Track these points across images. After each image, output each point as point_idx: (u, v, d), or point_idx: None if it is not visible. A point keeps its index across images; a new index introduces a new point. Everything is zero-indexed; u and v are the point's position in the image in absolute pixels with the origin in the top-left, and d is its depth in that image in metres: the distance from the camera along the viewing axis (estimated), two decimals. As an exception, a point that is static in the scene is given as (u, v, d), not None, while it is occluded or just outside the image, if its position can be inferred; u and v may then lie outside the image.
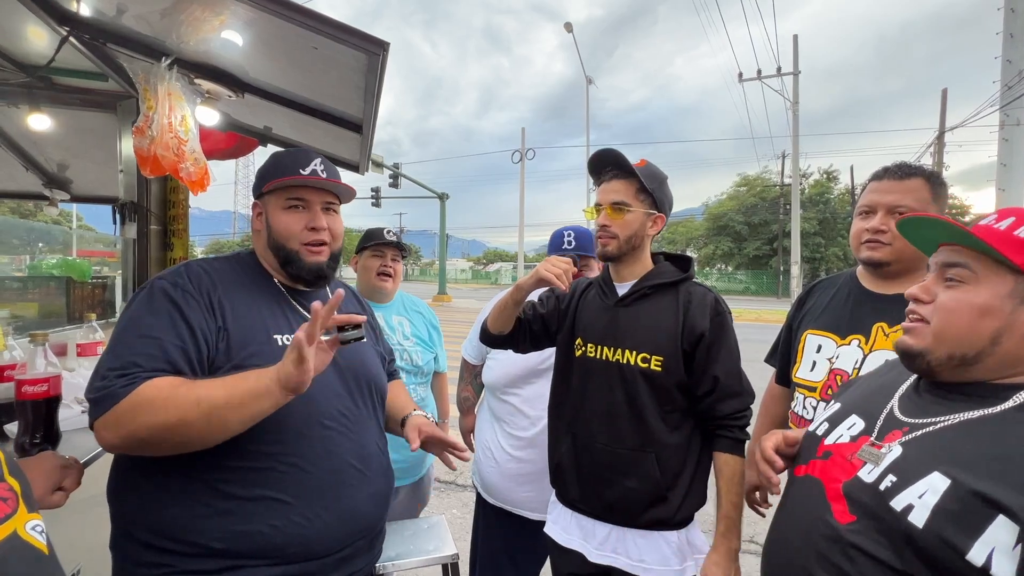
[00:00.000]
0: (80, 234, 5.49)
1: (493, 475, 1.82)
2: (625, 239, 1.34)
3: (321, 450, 1.06)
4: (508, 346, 1.53)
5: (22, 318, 2.36)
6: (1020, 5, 7.86)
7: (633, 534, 1.30)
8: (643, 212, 1.35)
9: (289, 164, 1.14)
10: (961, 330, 0.76)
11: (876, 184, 1.33)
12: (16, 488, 0.54)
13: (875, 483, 0.75)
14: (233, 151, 2.90)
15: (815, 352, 1.40)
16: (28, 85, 2.29)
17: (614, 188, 1.35)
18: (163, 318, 0.98)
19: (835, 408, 0.95)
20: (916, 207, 1.26)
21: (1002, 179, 7.94)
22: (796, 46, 18.43)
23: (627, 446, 1.29)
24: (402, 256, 2.12)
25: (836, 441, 0.86)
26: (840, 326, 1.37)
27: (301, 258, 1.14)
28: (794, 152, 18.63)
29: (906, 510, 0.69)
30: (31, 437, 1.18)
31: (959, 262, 0.78)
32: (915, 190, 1.27)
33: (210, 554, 0.96)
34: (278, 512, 0.99)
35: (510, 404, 1.82)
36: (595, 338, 1.38)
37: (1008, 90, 7.98)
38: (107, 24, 1.83)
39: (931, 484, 0.68)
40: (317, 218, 1.14)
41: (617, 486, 1.30)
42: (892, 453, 0.76)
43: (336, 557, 1.07)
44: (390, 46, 1.56)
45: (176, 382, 0.92)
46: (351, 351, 1.22)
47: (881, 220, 1.30)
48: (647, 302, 1.35)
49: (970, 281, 0.77)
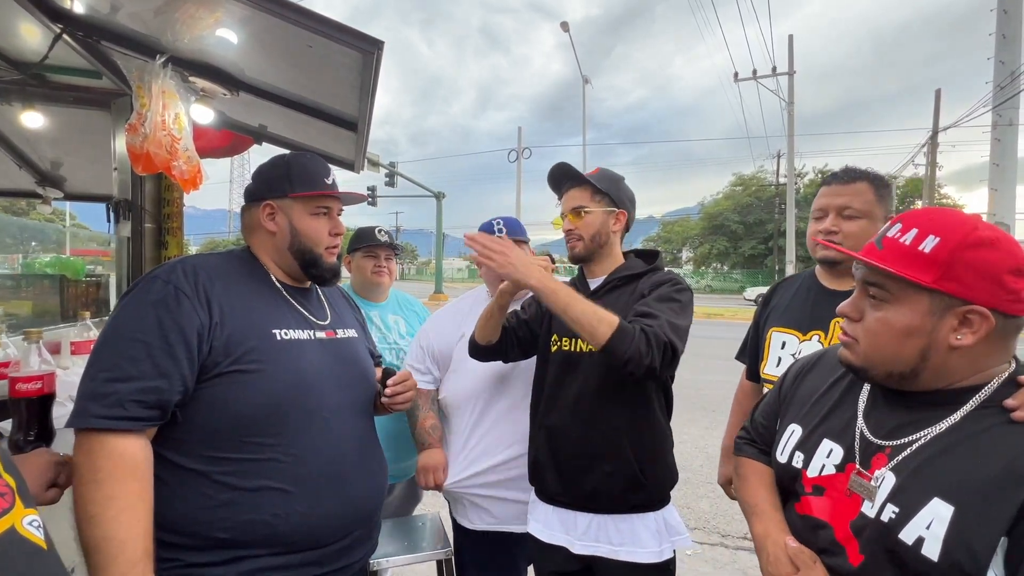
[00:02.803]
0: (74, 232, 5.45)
1: (473, 496, 1.70)
2: (590, 238, 1.45)
3: (321, 441, 1.09)
4: (498, 356, 1.56)
5: (16, 316, 2.34)
6: (1013, 7, 7.93)
7: (615, 520, 1.32)
8: (602, 211, 1.45)
9: (318, 175, 1.21)
10: (888, 352, 0.77)
11: (826, 188, 1.43)
12: (12, 484, 0.54)
13: (878, 515, 0.74)
14: (228, 149, 2.90)
15: (780, 348, 1.47)
16: (21, 83, 2.28)
17: (572, 196, 1.47)
18: (152, 325, 0.97)
19: (797, 432, 0.93)
20: (862, 208, 1.35)
21: (995, 179, 8.01)
22: (791, 46, 18.50)
23: (600, 430, 1.33)
24: (395, 254, 2.13)
25: (821, 473, 0.86)
26: (802, 323, 1.44)
27: (324, 260, 1.21)
28: (789, 152, 18.70)
29: (918, 543, 0.68)
30: (25, 434, 1.18)
31: (875, 282, 0.78)
32: (860, 192, 1.36)
33: (216, 545, 0.98)
34: (280, 502, 1.01)
35: (478, 423, 1.72)
36: (567, 331, 1.41)
37: (1000, 90, 8.04)
38: (101, 21, 1.82)
39: (935, 513, 0.68)
40: (339, 225, 1.24)
41: (594, 472, 1.33)
42: (886, 482, 0.75)
43: (338, 546, 1.10)
44: (385, 44, 1.57)
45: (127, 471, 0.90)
46: (347, 347, 1.25)
47: (832, 222, 1.38)
48: (616, 293, 1.42)
49: (890, 301, 0.77)
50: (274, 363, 1.05)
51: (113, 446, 0.90)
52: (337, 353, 1.20)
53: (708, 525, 3.29)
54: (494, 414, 1.70)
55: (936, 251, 0.72)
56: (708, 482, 3.87)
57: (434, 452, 1.77)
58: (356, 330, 1.33)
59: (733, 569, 2.80)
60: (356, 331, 1.33)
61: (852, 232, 1.36)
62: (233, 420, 1.00)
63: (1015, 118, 7.90)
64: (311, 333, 1.17)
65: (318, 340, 1.18)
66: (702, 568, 2.80)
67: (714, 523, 3.33)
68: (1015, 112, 7.91)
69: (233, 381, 1.01)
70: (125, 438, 0.91)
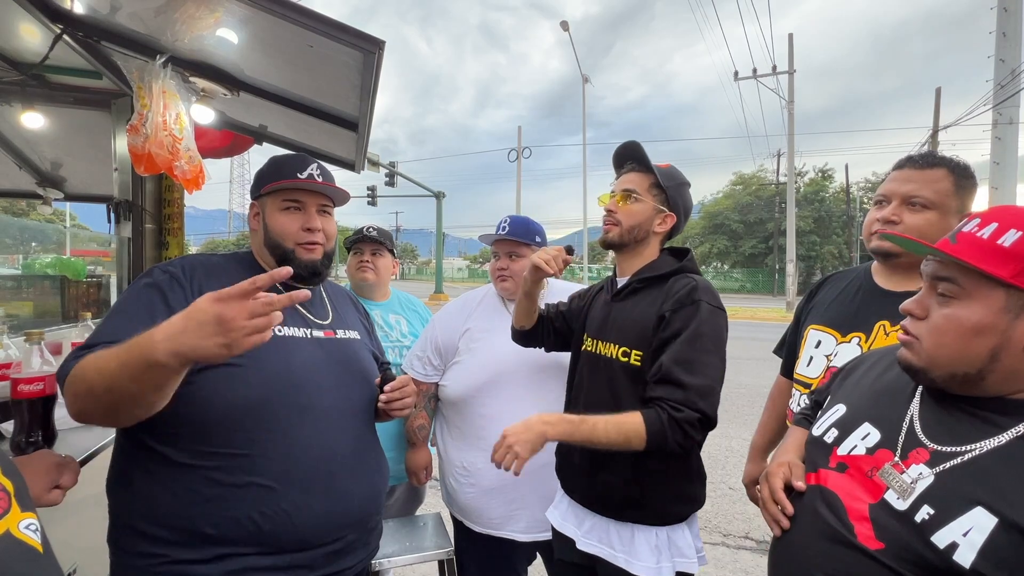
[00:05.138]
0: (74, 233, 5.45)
1: (473, 498, 1.71)
2: (628, 228, 1.34)
3: (311, 439, 1.08)
4: (535, 343, 1.58)
5: (17, 317, 2.34)
6: (1013, 4, 7.92)
7: (616, 526, 1.31)
8: (652, 205, 1.34)
9: (287, 168, 1.19)
10: (955, 351, 0.73)
11: (896, 173, 1.26)
12: (9, 488, 0.54)
13: (909, 513, 0.71)
14: (228, 149, 2.89)
15: (814, 347, 1.36)
16: (22, 83, 2.27)
17: (628, 179, 1.37)
18: (141, 301, 1.02)
19: (840, 411, 0.90)
20: (933, 198, 1.18)
21: (995, 177, 8.01)
22: (791, 45, 18.49)
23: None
24: (388, 250, 2.12)
25: (850, 452, 0.83)
26: (843, 322, 1.32)
27: (297, 256, 1.18)
28: (789, 150, 18.69)
29: (950, 548, 0.65)
30: (27, 436, 1.18)
31: (946, 276, 0.74)
32: (935, 180, 1.19)
33: (202, 541, 0.98)
34: (266, 499, 1.01)
35: (482, 415, 1.72)
36: (593, 332, 1.40)
37: (1001, 89, 8.04)
38: (101, 22, 1.82)
39: (975, 521, 0.65)
40: (312, 219, 1.20)
41: (597, 478, 1.32)
42: (923, 481, 0.72)
43: (327, 549, 1.08)
44: (386, 44, 1.56)
45: (97, 353, 0.90)
46: (346, 347, 1.24)
47: (893, 210, 1.23)
48: (637, 296, 1.34)
49: (960, 297, 0.72)
50: (263, 358, 1.05)
51: (80, 366, 0.90)
52: (334, 353, 1.20)
53: (709, 525, 3.29)
54: (493, 407, 1.71)
55: (1017, 245, 0.68)
56: (710, 482, 3.87)
57: (416, 454, 1.90)
58: (359, 332, 1.33)
59: (735, 569, 2.80)
60: (359, 333, 1.32)
61: (915, 225, 1.19)
62: (222, 414, 1.01)
63: (1015, 116, 7.89)
64: (308, 331, 1.17)
65: (315, 339, 1.18)
66: (703, 568, 2.79)
67: (715, 522, 3.33)
68: (1015, 110, 7.91)
69: (221, 374, 1.01)
70: (87, 355, 0.91)
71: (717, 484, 3.91)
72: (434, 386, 1.85)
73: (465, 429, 1.76)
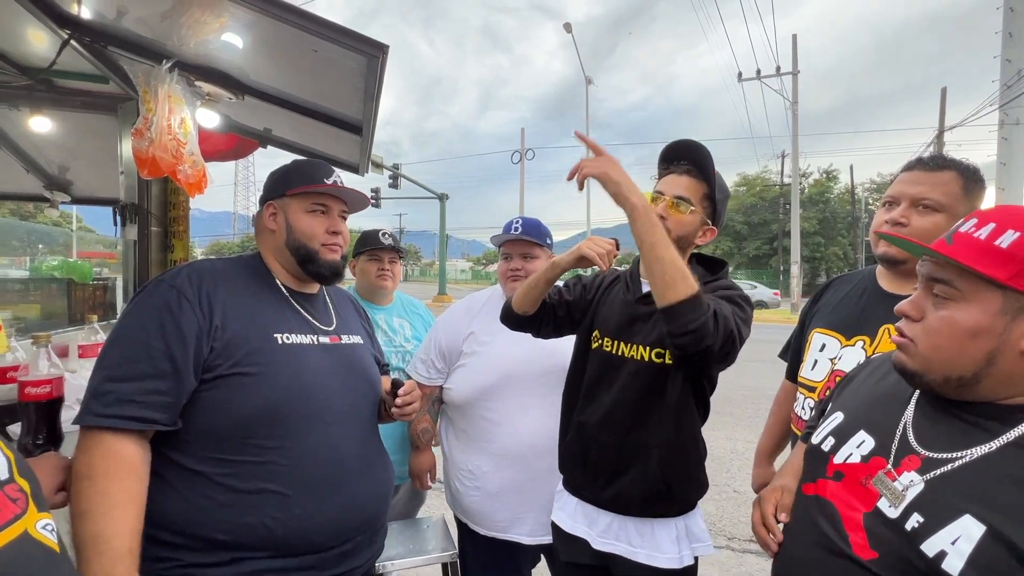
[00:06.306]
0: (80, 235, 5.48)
1: (478, 501, 1.71)
2: (675, 238, 1.22)
3: (322, 445, 1.09)
4: (530, 329, 1.46)
5: (24, 319, 2.36)
6: (1019, 4, 7.87)
7: (636, 522, 1.30)
8: (701, 218, 1.30)
9: (317, 173, 1.23)
10: (950, 354, 0.71)
11: (905, 175, 1.24)
12: (26, 488, 0.55)
13: (900, 521, 0.70)
14: (233, 153, 2.91)
15: (819, 351, 1.35)
16: (29, 88, 2.30)
17: (684, 183, 1.28)
18: (152, 326, 1.01)
19: (838, 419, 0.89)
20: (942, 200, 1.17)
21: (1001, 178, 7.95)
22: (795, 46, 18.45)
23: (631, 442, 1.30)
24: (400, 257, 2.13)
25: (846, 460, 0.81)
26: (847, 326, 1.31)
27: (321, 256, 1.22)
28: (794, 152, 18.64)
29: (939, 556, 0.65)
30: (34, 438, 1.18)
31: (942, 278, 0.72)
32: (944, 183, 1.17)
33: (215, 546, 0.99)
34: (279, 505, 1.02)
35: (487, 419, 1.72)
36: (611, 332, 1.36)
37: (1007, 89, 7.98)
38: (108, 27, 1.83)
39: (964, 529, 0.64)
40: (337, 223, 1.25)
41: (620, 479, 1.30)
42: (913, 488, 0.71)
43: (338, 551, 1.10)
44: (389, 48, 1.57)
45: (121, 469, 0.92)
46: (351, 353, 1.25)
47: (901, 212, 1.20)
48: None
49: (956, 299, 0.71)
50: (274, 366, 1.07)
51: (109, 444, 0.92)
52: (341, 359, 1.21)
53: (714, 528, 3.28)
54: (499, 410, 1.71)
55: (1015, 246, 0.66)
56: (714, 484, 3.85)
57: (420, 457, 1.88)
58: (362, 337, 1.34)
59: (739, 572, 2.79)
60: (362, 338, 1.33)
61: (923, 228, 1.16)
62: (234, 422, 1.02)
63: (1022, 117, 7.84)
64: (314, 338, 1.18)
65: (321, 345, 1.19)
66: (708, 571, 2.78)
67: (720, 526, 3.32)
68: (1022, 111, 7.85)
69: (234, 384, 1.03)
70: (121, 437, 0.93)
71: (722, 487, 3.90)
72: (438, 389, 1.85)
73: (470, 432, 1.76)
